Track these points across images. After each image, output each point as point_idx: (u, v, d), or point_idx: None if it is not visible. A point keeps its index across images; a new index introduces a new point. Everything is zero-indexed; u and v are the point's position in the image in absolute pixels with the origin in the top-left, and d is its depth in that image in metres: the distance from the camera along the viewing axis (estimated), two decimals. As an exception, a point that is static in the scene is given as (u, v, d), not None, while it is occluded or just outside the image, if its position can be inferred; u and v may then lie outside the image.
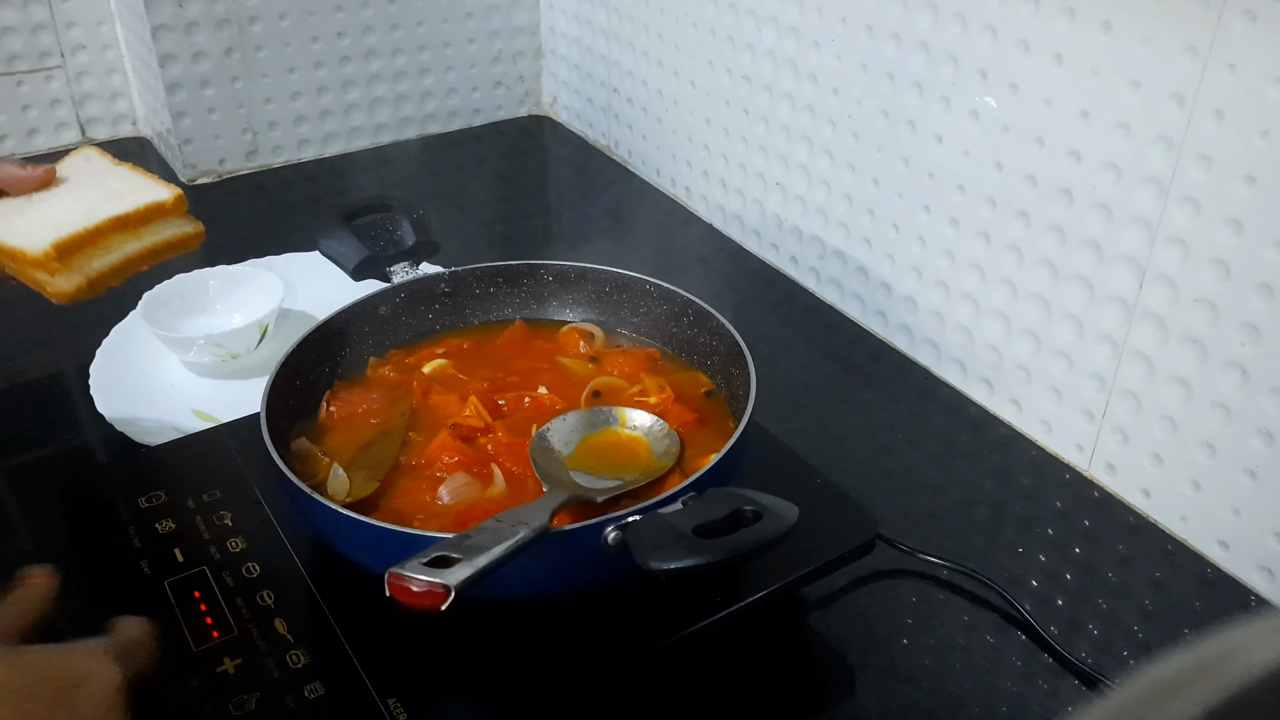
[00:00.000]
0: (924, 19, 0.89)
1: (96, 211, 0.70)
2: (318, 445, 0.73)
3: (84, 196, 0.72)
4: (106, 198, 0.72)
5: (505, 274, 0.86)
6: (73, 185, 0.74)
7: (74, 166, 0.75)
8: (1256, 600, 0.75)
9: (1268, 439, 0.72)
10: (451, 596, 0.50)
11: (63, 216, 0.70)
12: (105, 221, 0.70)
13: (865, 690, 0.67)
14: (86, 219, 0.70)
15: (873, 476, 0.85)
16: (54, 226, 0.69)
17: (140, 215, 0.71)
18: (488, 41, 1.43)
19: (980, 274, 0.90)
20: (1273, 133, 0.67)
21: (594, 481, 0.67)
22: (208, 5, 1.22)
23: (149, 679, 0.57)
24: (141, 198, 0.72)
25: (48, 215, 0.71)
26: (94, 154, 0.76)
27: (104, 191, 0.73)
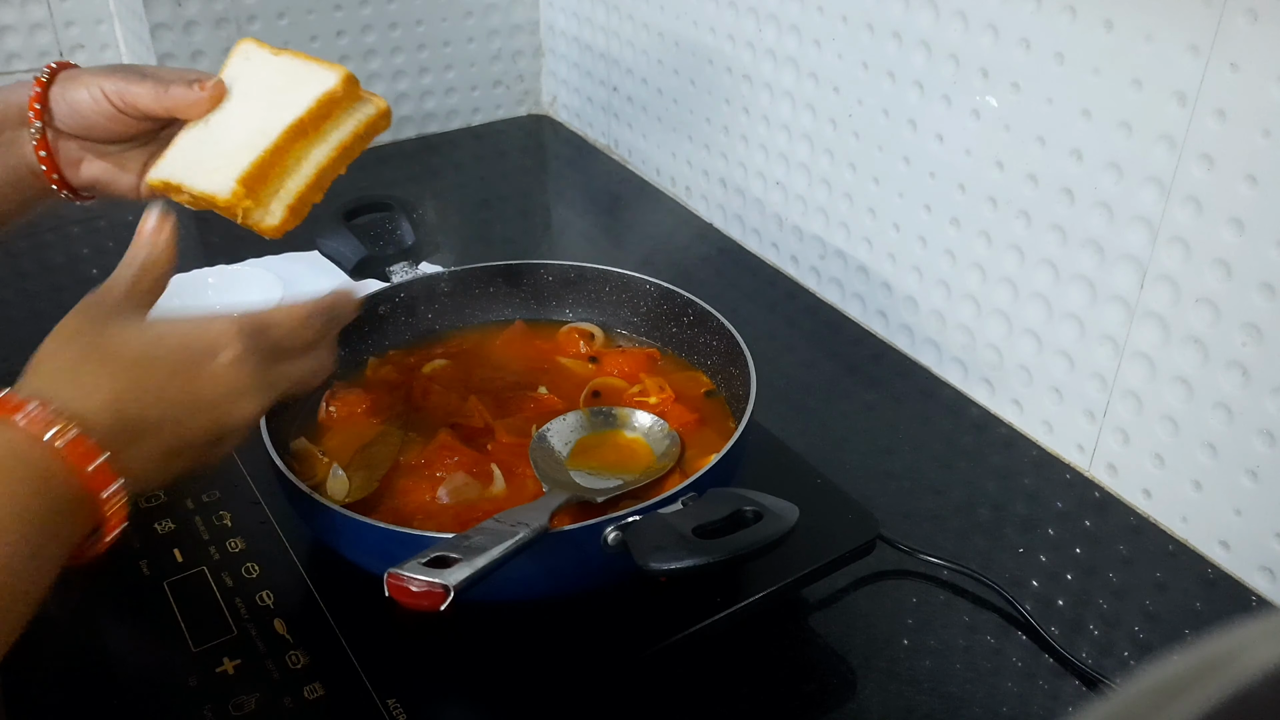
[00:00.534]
0: (925, 17, 0.89)
1: (269, 125, 0.65)
2: (317, 445, 0.72)
3: (252, 108, 0.67)
4: (274, 103, 0.66)
5: (505, 274, 0.86)
6: (240, 95, 0.68)
7: (237, 71, 0.69)
8: (1258, 601, 0.75)
9: (1269, 439, 0.72)
10: (450, 597, 0.50)
11: (238, 140, 0.65)
12: (281, 136, 0.64)
13: (866, 691, 0.67)
14: (262, 137, 0.64)
15: (874, 477, 0.85)
16: (232, 156, 0.64)
17: (314, 115, 0.65)
18: (487, 40, 1.43)
19: (981, 273, 0.90)
20: (1275, 132, 0.67)
21: (594, 482, 0.67)
22: (206, 4, 1.22)
23: (149, 679, 0.57)
24: (308, 92, 0.66)
25: (225, 141, 0.66)
26: (252, 47, 0.69)
27: (269, 95, 0.67)
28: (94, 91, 0.65)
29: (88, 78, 0.66)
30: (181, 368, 0.53)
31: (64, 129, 0.67)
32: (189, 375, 0.54)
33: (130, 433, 0.51)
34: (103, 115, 0.66)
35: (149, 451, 0.52)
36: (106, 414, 0.50)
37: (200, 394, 0.54)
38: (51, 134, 0.67)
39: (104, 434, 0.49)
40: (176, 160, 0.66)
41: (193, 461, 0.55)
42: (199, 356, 0.54)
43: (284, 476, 0.64)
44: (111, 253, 0.76)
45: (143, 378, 0.52)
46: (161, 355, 0.53)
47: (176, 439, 0.53)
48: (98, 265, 0.75)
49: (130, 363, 0.52)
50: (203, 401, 0.54)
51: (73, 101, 0.66)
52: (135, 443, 0.51)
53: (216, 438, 0.56)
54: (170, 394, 0.53)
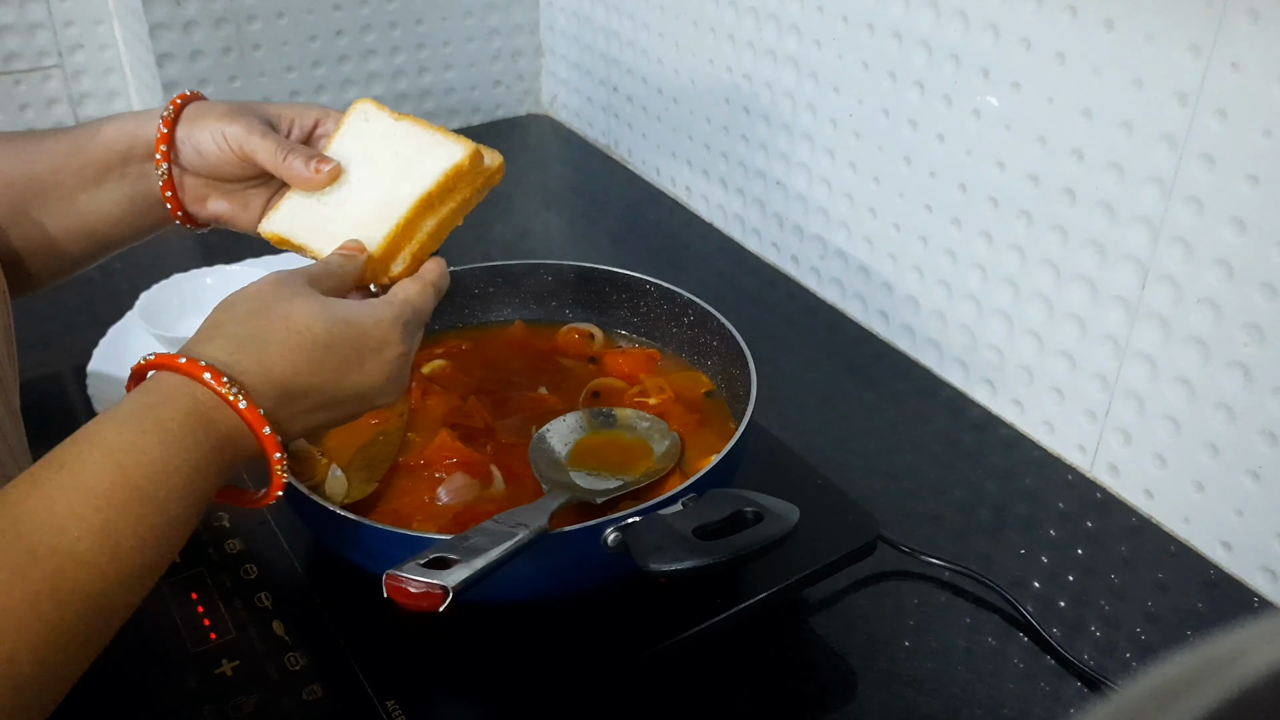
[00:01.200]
0: (925, 17, 0.89)
1: (396, 198, 0.65)
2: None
3: (377, 176, 0.66)
4: (401, 174, 0.65)
5: (505, 274, 0.86)
6: (362, 160, 0.67)
7: (356, 130, 0.68)
8: (1259, 602, 0.75)
9: (1271, 440, 0.72)
10: (449, 598, 0.50)
11: (364, 211, 0.65)
12: (410, 211, 0.64)
13: (867, 692, 0.67)
14: (390, 210, 0.64)
15: (874, 477, 0.85)
16: (359, 228, 0.65)
17: (441, 188, 0.65)
18: (487, 40, 1.43)
19: (982, 274, 0.90)
20: (1275, 131, 0.67)
21: (594, 482, 0.67)
22: (205, 4, 1.22)
23: (149, 680, 0.57)
24: (436, 166, 0.65)
25: (348, 208, 0.66)
26: (372, 109, 0.68)
27: (394, 165, 0.66)
28: (216, 137, 0.67)
29: (212, 121, 0.67)
30: (354, 357, 0.58)
31: (189, 168, 0.69)
32: (357, 365, 0.58)
33: (292, 405, 0.56)
34: (224, 160, 0.68)
35: (301, 419, 0.57)
36: (279, 389, 0.55)
37: (362, 382, 0.59)
38: (177, 171, 0.70)
39: (272, 404, 0.54)
40: (295, 218, 0.67)
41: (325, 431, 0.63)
42: (368, 352, 0.58)
43: (283, 477, 0.64)
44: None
45: (318, 362, 0.56)
46: (337, 344, 0.57)
47: (324, 419, 0.59)
48: (121, 259, 0.76)
49: (310, 345, 0.56)
50: (361, 387, 0.59)
51: (197, 144, 0.68)
52: (295, 413, 0.56)
53: (352, 415, 0.61)
54: (336, 379, 0.57)
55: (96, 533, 0.47)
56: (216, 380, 0.52)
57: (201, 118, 0.68)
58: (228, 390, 0.52)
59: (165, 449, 0.50)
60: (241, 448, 0.54)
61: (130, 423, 0.50)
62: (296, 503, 0.64)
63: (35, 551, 0.45)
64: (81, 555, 0.46)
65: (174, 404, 0.51)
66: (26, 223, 0.69)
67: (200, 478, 0.51)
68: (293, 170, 0.66)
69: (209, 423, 0.52)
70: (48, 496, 0.47)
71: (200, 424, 0.52)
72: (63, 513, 0.46)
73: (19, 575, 0.44)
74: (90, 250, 0.72)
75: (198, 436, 0.51)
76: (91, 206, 0.70)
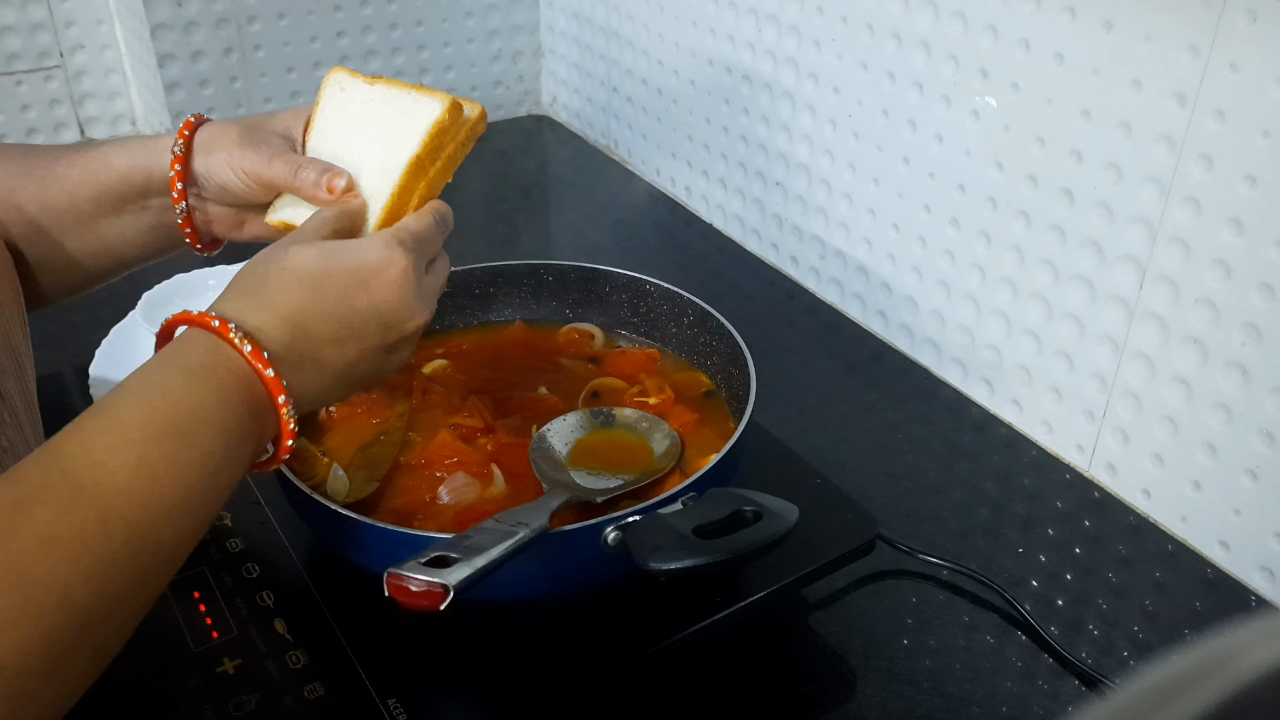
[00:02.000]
0: (925, 18, 0.89)
1: (387, 165, 0.65)
2: (317, 445, 0.72)
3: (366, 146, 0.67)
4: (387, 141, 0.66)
5: (505, 274, 0.86)
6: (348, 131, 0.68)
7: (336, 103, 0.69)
8: (1257, 601, 0.75)
9: (1269, 439, 0.72)
10: (450, 597, 0.50)
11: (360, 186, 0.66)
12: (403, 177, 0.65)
13: (866, 691, 0.67)
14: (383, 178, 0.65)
15: (873, 477, 0.85)
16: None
17: (429, 149, 0.66)
18: (487, 40, 1.43)
19: (981, 274, 0.90)
20: (1274, 132, 0.67)
21: (594, 482, 0.67)
22: (206, 5, 1.22)
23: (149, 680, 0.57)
24: (419, 126, 0.65)
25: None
26: (345, 77, 0.69)
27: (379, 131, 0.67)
28: (236, 171, 0.68)
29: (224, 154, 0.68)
30: (355, 280, 0.58)
31: (216, 200, 0.70)
32: (361, 286, 0.58)
33: (304, 349, 0.56)
34: (249, 191, 0.69)
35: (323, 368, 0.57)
36: (284, 330, 0.55)
37: (373, 301, 0.58)
38: (196, 199, 0.71)
39: (279, 348, 0.55)
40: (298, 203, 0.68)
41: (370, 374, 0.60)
42: (369, 274, 0.58)
43: (284, 476, 0.64)
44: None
45: (320, 290, 0.57)
46: (335, 271, 0.57)
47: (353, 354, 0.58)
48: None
49: (308, 278, 0.57)
50: (375, 308, 0.58)
51: (220, 180, 0.69)
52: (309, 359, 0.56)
53: (388, 348, 0.60)
54: (344, 304, 0.57)
55: (133, 466, 0.48)
56: (224, 327, 0.53)
57: (214, 150, 0.68)
58: (234, 335, 0.53)
59: (190, 384, 0.52)
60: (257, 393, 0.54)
61: (155, 368, 0.53)
62: (298, 502, 0.64)
63: (80, 485, 0.47)
64: (122, 486, 0.47)
65: (191, 347, 0.53)
66: (45, 242, 0.69)
67: (229, 413, 0.52)
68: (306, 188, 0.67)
69: (228, 362, 0.53)
70: (86, 437, 0.49)
71: (220, 363, 0.53)
72: (101, 449, 0.48)
73: (65, 509, 0.46)
74: (111, 268, 0.73)
75: (219, 374, 0.53)
76: (113, 233, 0.71)
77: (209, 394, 0.52)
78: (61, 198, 0.69)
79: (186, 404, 0.51)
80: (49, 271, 0.70)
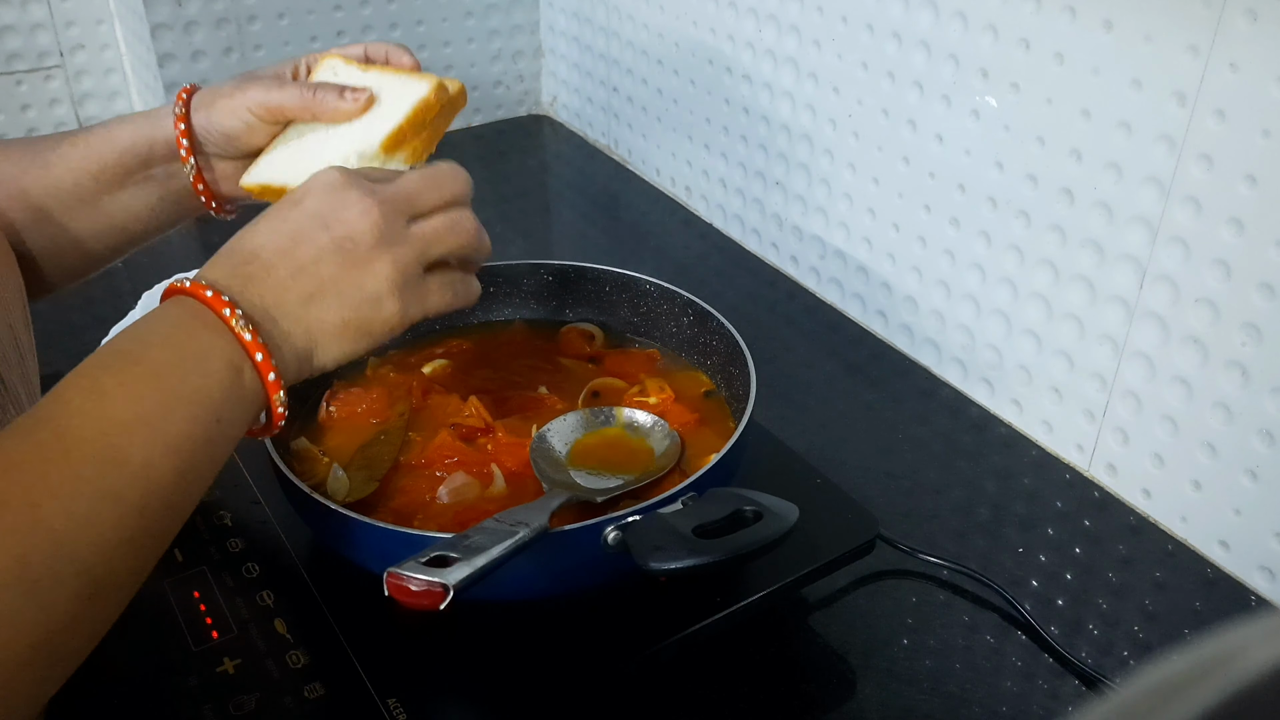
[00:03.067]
0: (925, 18, 0.89)
1: (370, 135, 0.69)
2: (317, 445, 0.72)
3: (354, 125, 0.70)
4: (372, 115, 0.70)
5: (505, 274, 0.86)
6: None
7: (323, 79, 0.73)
8: (1257, 600, 0.75)
9: (1269, 439, 0.72)
10: (450, 596, 0.50)
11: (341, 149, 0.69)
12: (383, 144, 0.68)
13: (866, 691, 0.67)
14: (365, 146, 0.68)
15: (873, 477, 0.85)
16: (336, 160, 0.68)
17: (412, 122, 0.69)
18: (487, 40, 1.43)
19: (981, 274, 0.90)
20: (1274, 132, 0.67)
21: (594, 482, 0.67)
22: (206, 4, 1.22)
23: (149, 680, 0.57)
24: (404, 102, 0.70)
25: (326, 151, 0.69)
26: (339, 64, 0.74)
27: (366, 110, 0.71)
28: (239, 111, 0.68)
29: (228, 102, 0.69)
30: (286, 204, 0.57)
31: (219, 154, 0.71)
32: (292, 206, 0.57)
33: (250, 270, 0.55)
34: (253, 129, 0.70)
35: (272, 272, 0.55)
36: (225, 262, 0.55)
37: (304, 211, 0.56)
38: (205, 161, 0.71)
39: (220, 275, 0.54)
40: (275, 165, 0.70)
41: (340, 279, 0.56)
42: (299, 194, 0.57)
43: (284, 476, 0.64)
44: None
45: (252, 227, 0.57)
46: (284, 204, 0.57)
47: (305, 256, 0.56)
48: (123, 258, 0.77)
49: (258, 217, 0.57)
50: (308, 215, 0.56)
51: (222, 127, 0.69)
52: (257, 275, 0.55)
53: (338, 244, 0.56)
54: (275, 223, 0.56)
55: (85, 389, 0.49)
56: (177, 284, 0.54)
57: (213, 102, 0.70)
58: (179, 281, 0.54)
59: (138, 324, 0.53)
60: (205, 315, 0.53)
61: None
62: (298, 502, 0.64)
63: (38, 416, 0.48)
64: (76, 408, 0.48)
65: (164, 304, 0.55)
66: (50, 226, 0.70)
67: (172, 327, 0.52)
68: (327, 105, 0.68)
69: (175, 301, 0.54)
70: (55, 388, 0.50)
71: (169, 305, 0.54)
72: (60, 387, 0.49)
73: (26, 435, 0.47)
74: (118, 246, 0.74)
75: (166, 309, 0.53)
76: (118, 208, 0.71)
77: (152, 321, 0.53)
78: (66, 178, 0.69)
79: (134, 332, 0.52)
80: (55, 256, 0.71)
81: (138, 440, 0.48)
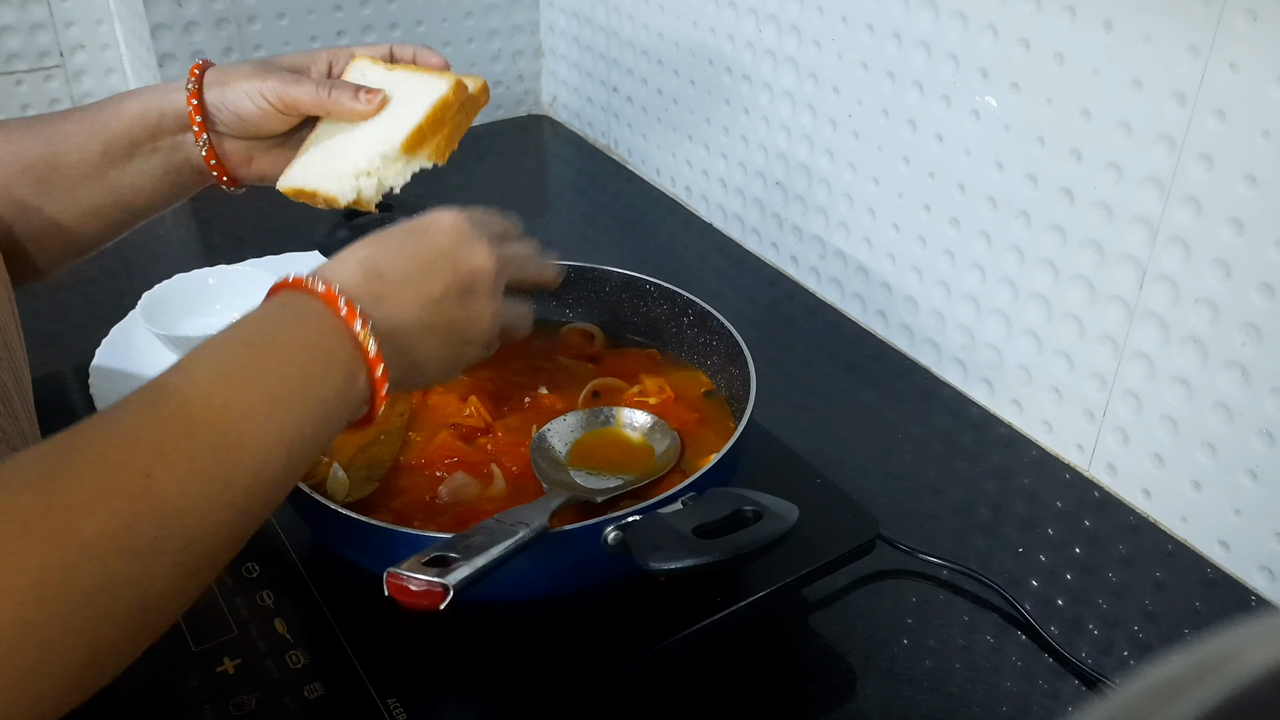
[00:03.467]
0: (925, 18, 0.89)
1: (392, 134, 0.70)
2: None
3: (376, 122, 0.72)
4: (395, 114, 0.72)
5: (505, 274, 0.86)
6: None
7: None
8: (1257, 600, 0.75)
9: (1269, 439, 0.72)
10: (449, 596, 0.50)
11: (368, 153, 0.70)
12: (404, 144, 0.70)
13: (866, 691, 0.67)
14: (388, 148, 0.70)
15: (873, 477, 0.85)
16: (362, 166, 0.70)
17: (431, 120, 0.71)
18: (487, 40, 1.43)
19: (981, 274, 0.90)
20: (1274, 132, 0.67)
21: (594, 481, 0.67)
22: (206, 4, 1.22)
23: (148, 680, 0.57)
24: (424, 101, 0.71)
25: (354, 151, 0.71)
26: (367, 64, 0.75)
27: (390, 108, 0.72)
28: (254, 96, 0.70)
29: (242, 82, 0.71)
30: (414, 231, 0.60)
31: (229, 132, 0.72)
32: (421, 236, 0.60)
33: (380, 288, 0.57)
34: (266, 116, 0.71)
35: (406, 306, 0.58)
36: (357, 271, 0.57)
37: (435, 248, 0.60)
38: (215, 137, 0.72)
39: (353, 284, 0.56)
40: (308, 169, 0.72)
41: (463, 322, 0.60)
42: (425, 224, 0.61)
43: (284, 476, 0.64)
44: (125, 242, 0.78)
45: (383, 243, 0.59)
46: (395, 230, 0.60)
47: (434, 291, 0.59)
48: (123, 258, 0.77)
49: (372, 240, 0.60)
50: (438, 252, 0.60)
51: (235, 108, 0.71)
52: (388, 297, 0.57)
53: (463, 288, 0.60)
54: (408, 251, 0.59)
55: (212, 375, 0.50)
56: (299, 281, 0.55)
57: (229, 82, 0.71)
58: (309, 281, 0.55)
59: (266, 313, 0.54)
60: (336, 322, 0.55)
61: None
62: (298, 502, 0.64)
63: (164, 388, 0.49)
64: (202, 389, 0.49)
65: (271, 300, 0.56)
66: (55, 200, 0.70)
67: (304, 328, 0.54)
68: (341, 104, 0.70)
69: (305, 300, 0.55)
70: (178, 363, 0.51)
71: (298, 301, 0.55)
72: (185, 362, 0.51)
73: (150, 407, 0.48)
74: (122, 220, 0.74)
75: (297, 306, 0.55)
76: (123, 181, 0.72)
77: (284, 312, 0.54)
78: (71, 153, 0.70)
79: (262, 324, 0.54)
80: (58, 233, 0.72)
81: (256, 430, 0.50)
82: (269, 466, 0.50)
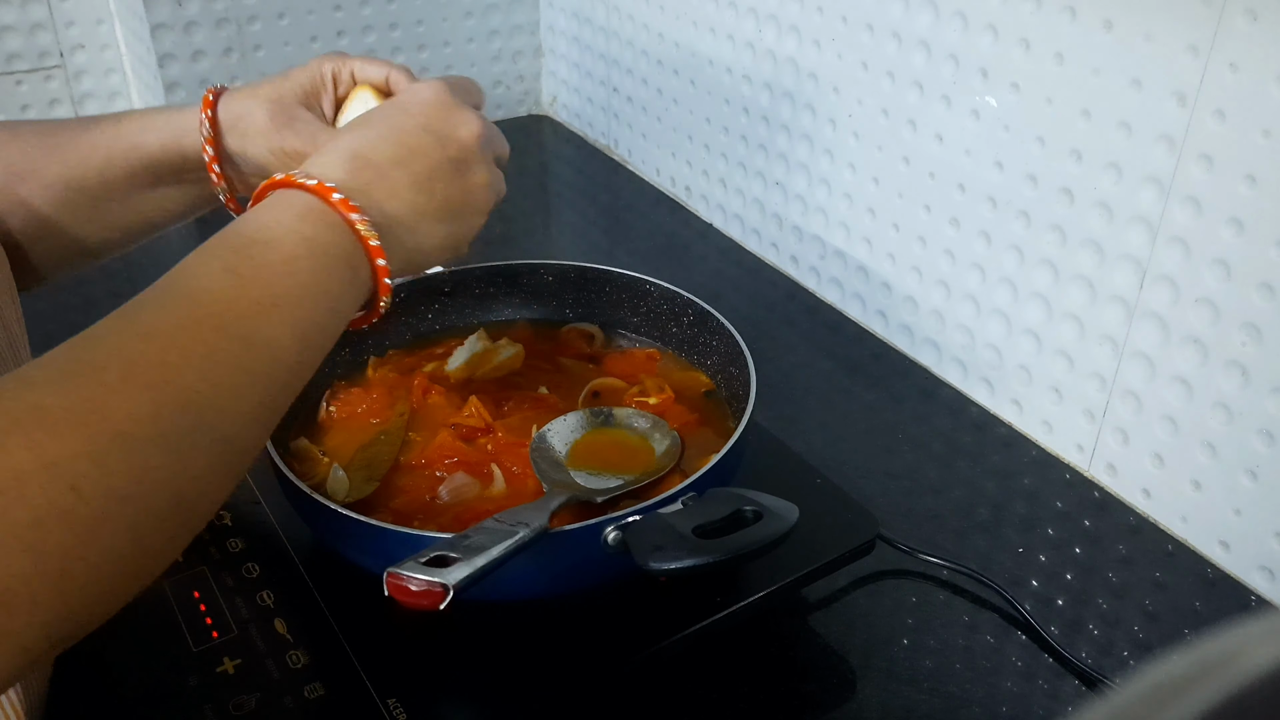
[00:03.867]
0: (925, 18, 0.89)
1: None
2: (317, 445, 0.72)
3: None
4: None
5: (505, 274, 0.86)
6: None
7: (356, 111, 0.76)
8: (1257, 600, 0.75)
9: (1269, 439, 0.72)
10: (449, 596, 0.50)
11: None
12: None
13: (866, 691, 0.67)
14: None
15: (873, 476, 0.85)
16: None
17: None
18: (487, 40, 1.43)
19: (981, 274, 0.90)
20: (1274, 132, 0.67)
21: (594, 481, 0.67)
22: (206, 5, 1.22)
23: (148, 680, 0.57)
24: None
25: None
26: (369, 95, 0.76)
27: None
28: (275, 153, 0.71)
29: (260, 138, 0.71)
30: (395, 112, 0.61)
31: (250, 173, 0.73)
32: (402, 115, 0.60)
33: (369, 176, 0.57)
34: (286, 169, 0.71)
35: (397, 189, 0.58)
36: (344, 161, 0.57)
37: (420, 125, 0.60)
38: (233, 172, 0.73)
39: (343, 175, 0.56)
40: None
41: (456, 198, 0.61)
42: (404, 102, 0.61)
43: (284, 476, 0.64)
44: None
45: (365, 129, 0.59)
46: (374, 113, 0.61)
47: (422, 171, 0.59)
48: (122, 258, 0.77)
49: (353, 126, 0.60)
50: (424, 129, 0.60)
51: (257, 161, 0.72)
52: (377, 183, 0.57)
53: (455, 162, 0.60)
54: (393, 133, 0.59)
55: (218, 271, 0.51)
56: (289, 178, 0.55)
57: (249, 131, 0.71)
58: (299, 177, 0.55)
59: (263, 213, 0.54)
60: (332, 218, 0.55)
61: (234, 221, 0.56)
62: (298, 502, 0.64)
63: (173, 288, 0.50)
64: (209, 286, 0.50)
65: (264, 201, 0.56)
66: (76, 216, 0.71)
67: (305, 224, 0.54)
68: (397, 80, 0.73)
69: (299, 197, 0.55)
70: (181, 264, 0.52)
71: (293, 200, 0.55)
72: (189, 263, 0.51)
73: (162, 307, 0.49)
74: (145, 232, 0.76)
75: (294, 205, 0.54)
76: (149, 205, 0.73)
77: (284, 214, 0.54)
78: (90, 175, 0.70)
79: (261, 221, 0.53)
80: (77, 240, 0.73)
81: (270, 322, 0.50)
82: (286, 358, 0.51)
